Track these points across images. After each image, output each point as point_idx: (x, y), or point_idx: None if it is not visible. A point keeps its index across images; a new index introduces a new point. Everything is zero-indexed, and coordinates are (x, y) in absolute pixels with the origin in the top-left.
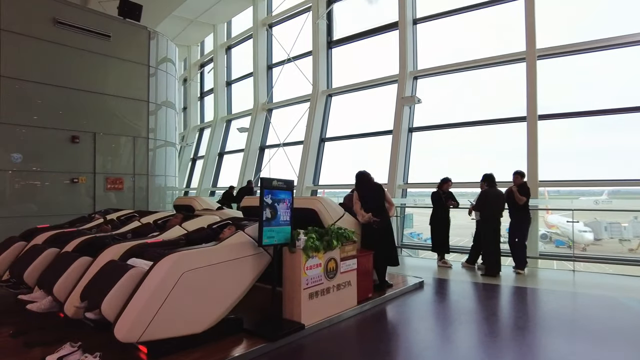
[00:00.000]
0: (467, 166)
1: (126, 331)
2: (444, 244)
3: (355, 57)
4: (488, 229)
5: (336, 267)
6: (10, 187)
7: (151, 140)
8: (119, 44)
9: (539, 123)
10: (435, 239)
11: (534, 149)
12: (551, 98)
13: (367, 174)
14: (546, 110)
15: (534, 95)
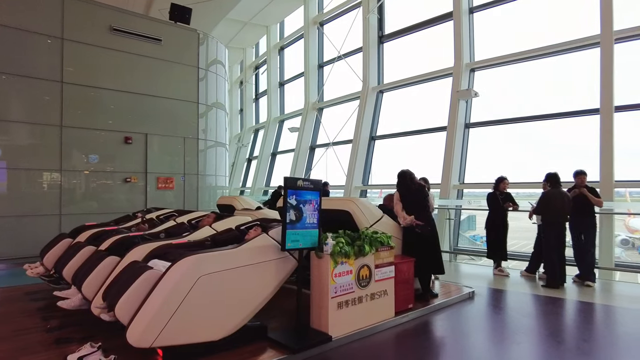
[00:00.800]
0: (529, 165)
1: (139, 335)
2: (501, 250)
3: (407, 51)
4: (550, 234)
5: (370, 275)
6: (78, 186)
7: (201, 141)
8: (169, 48)
9: (615, 115)
10: (491, 245)
11: (609, 145)
12: (630, 87)
13: (409, 173)
14: (624, 101)
15: (609, 84)
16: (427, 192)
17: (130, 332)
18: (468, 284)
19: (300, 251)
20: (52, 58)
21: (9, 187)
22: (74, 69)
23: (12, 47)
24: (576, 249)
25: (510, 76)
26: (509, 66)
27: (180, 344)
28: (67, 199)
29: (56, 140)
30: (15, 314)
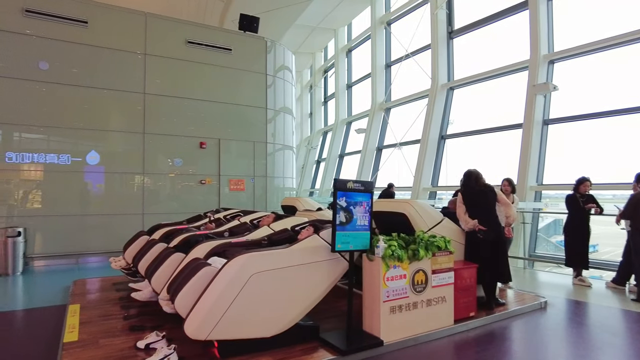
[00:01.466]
0: (616, 164)
1: (195, 328)
2: (582, 258)
3: (479, 45)
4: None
5: (426, 280)
6: (159, 187)
7: (269, 145)
8: (239, 56)
9: None
10: (570, 251)
11: None
12: None
13: (475, 173)
14: None
15: None
16: (496, 194)
17: (188, 324)
18: (543, 293)
19: (351, 253)
20: (137, 72)
21: (105, 188)
22: (154, 81)
23: (109, 65)
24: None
25: (594, 67)
26: (593, 56)
27: (233, 339)
28: (149, 199)
29: (139, 146)
30: (102, 301)
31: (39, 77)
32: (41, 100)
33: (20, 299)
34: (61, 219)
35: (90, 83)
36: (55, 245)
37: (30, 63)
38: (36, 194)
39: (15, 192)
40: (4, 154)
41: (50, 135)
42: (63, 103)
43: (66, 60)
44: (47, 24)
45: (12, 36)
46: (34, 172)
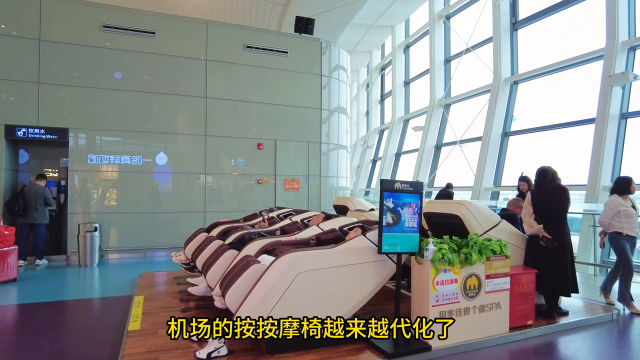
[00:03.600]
0: None
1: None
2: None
3: (546, 36)
4: None
5: (479, 285)
6: (219, 187)
7: (323, 145)
8: (295, 58)
9: None
10: None
11: None
12: None
13: (552, 172)
14: None
15: None
16: (569, 200)
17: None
18: (619, 305)
19: (398, 255)
20: (199, 77)
21: (172, 187)
22: (215, 85)
23: (174, 71)
24: None
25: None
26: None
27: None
28: (210, 198)
29: (202, 148)
30: (164, 294)
31: (114, 86)
32: (116, 107)
33: (95, 289)
34: (132, 216)
35: (158, 89)
36: (127, 240)
37: (107, 73)
38: (112, 192)
39: (94, 190)
40: (87, 156)
41: (124, 139)
42: (135, 108)
43: (137, 69)
44: (121, 37)
45: (91, 50)
46: (110, 172)
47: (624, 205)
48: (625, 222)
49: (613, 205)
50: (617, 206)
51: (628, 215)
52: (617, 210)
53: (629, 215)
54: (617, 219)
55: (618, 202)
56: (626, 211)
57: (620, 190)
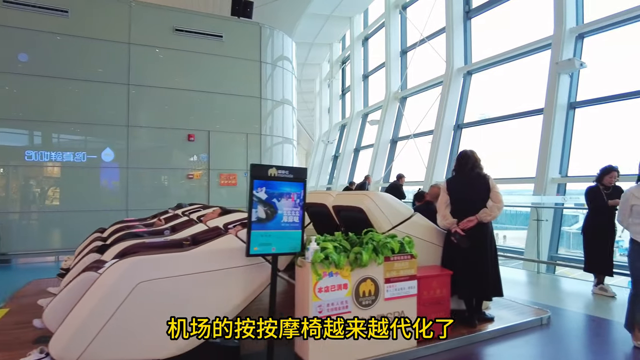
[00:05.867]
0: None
1: (61, 348)
2: (604, 262)
3: (500, 25)
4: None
5: (376, 291)
6: (147, 183)
7: (266, 137)
8: (231, 43)
9: None
10: (590, 255)
11: None
12: None
13: (471, 157)
14: None
15: None
16: (490, 186)
17: (54, 343)
18: (555, 304)
19: (274, 257)
20: (120, 62)
21: (90, 184)
22: (139, 71)
23: (88, 55)
24: None
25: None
26: (632, 26)
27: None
28: (133, 195)
29: (123, 140)
30: (32, 306)
31: (19, 70)
32: (20, 93)
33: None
34: (41, 216)
35: (70, 74)
36: (36, 242)
37: (9, 54)
38: (16, 190)
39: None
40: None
41: (31, 130)
42: (43, 95)
43: (46, 52)
44: (26, 14)
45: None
46: (13, 167)
47: (637, 198)
48: (636, 223)
49: (625, 199)
50: (629, 199)
51: (638, 213)
52: (630, 204)
53: (639, 214)
54: (634, 219)
55: (631, 193)
56: (637, 207)
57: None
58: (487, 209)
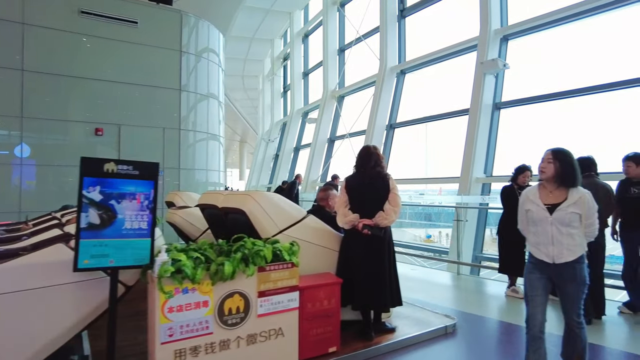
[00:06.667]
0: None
1: None
2: (517, 263)
3: (435, 24)
4: None
5: (246, 307)
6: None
7: (188, 133)
8: (148, 30)
9: None
10: (504, 255)
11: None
12: None
13: (374, 153)
14: None
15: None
16: (389, 189)
17: None
18: (464, 308)
19: (113, 271)
20: (11, 44)
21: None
22: (37, 56)
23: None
24: (629, 268)
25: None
26: (555, 30)
27: None
28: (28, 195)
29: (16, 132)
30: None
31: None
32: None
33: None
34: None
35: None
36: None
37: None
38: None
39: None
40: None
41: None
42: None
43: None
44: None
45: None
46: None
47: (532, 202)
48: (532, 232)
49: (520, 202)
50: (524, 203)
51: (533, 220)
52: (525, 209)
53: (534, 221)
54: (530, 227)
55: (526, 196)
56: (531, 213)
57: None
58: (383, 213)
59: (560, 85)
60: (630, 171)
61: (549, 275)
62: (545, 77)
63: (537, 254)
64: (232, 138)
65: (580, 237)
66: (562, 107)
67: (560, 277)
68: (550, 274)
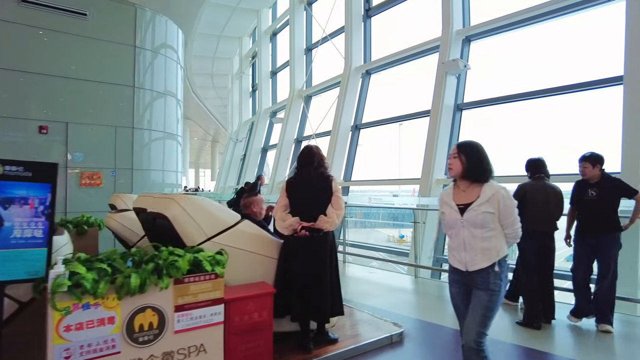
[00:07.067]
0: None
1: None
2: None
3: (401, 25)
4: (528, 248)
5: (161, 323)
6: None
7: (143, 132)
8: (98, 23)
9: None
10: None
11: (636, 120)
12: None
13: (316, 153)
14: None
15: (638, 44)
16: (332, 192)
17: None
18: (415, 315)
19: (0, 285)
20: None
21: None
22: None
23: None
24: (580, 274)
25: (518, 45)
26: (518, 32)
27: None
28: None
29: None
30: None
31: None
32: None
33: None
34: None
35: None
36: None
37: None
38: None
39: None
40: None
41: None
42: None
43: None
44: None
45: None
46: None
47: (446, 204)
48: (449, 238)
49: (439, 204)
50: (440, 205)
51: (447, 223)
52: (441, 212)
53: (448, 225)
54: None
55: (441, 198)
56: (444, 216)
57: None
58: (325, 217)
59: (522, 87)
60: (586, 172)
61: (465, 284)
62: (508, 78)
63: (452, 261)
64: (205, 138)
65: (497, 240)
66: (525, 108)
67: (474, 286)
68: (466, 283)
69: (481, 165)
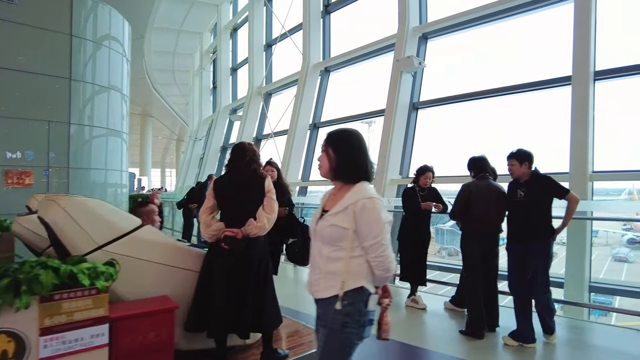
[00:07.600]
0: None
1: None
2: (418, 270)
3: (361, 22)
4: (471, 252)
5: (20, 350)
6: None
7: (82, 127)
8: (28, 9)
9: (595, 85)
10: (404, 262)
11: (584, 121)
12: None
13: (249, 149)
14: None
15: (586, 45)
16: (266, 189)
17: None
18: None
19: None
20: None
21: None
22: None
23: None
24: (515, 283)
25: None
26: (478, 29)
27: None
28: None
29: None
30: None
31: None
32: None
33: None
34: None
35: None
36: None
37: None
38: None
39: None
40: None
41: None
42: None
43: None
44: None
45: None
46: None
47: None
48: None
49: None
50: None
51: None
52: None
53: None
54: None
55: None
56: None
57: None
58: (254, 220)
59: (478, 86)
60: (514, 170)
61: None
62: (465, 77)
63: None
64: (170, 137)
65: (347, 265)
66: (478, 108)
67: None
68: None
69: (352, 161)
